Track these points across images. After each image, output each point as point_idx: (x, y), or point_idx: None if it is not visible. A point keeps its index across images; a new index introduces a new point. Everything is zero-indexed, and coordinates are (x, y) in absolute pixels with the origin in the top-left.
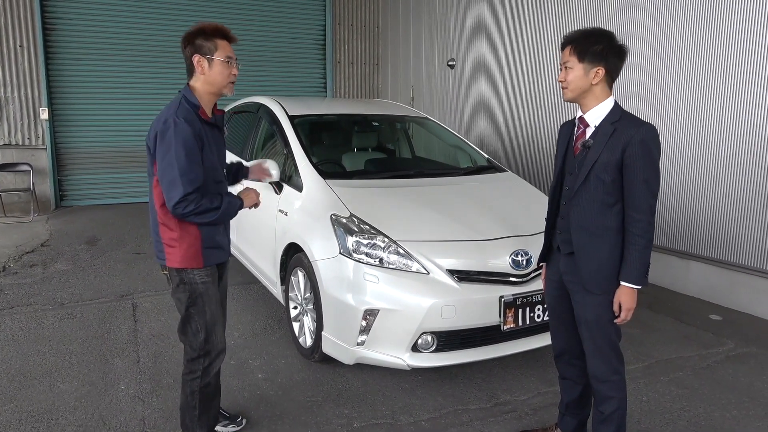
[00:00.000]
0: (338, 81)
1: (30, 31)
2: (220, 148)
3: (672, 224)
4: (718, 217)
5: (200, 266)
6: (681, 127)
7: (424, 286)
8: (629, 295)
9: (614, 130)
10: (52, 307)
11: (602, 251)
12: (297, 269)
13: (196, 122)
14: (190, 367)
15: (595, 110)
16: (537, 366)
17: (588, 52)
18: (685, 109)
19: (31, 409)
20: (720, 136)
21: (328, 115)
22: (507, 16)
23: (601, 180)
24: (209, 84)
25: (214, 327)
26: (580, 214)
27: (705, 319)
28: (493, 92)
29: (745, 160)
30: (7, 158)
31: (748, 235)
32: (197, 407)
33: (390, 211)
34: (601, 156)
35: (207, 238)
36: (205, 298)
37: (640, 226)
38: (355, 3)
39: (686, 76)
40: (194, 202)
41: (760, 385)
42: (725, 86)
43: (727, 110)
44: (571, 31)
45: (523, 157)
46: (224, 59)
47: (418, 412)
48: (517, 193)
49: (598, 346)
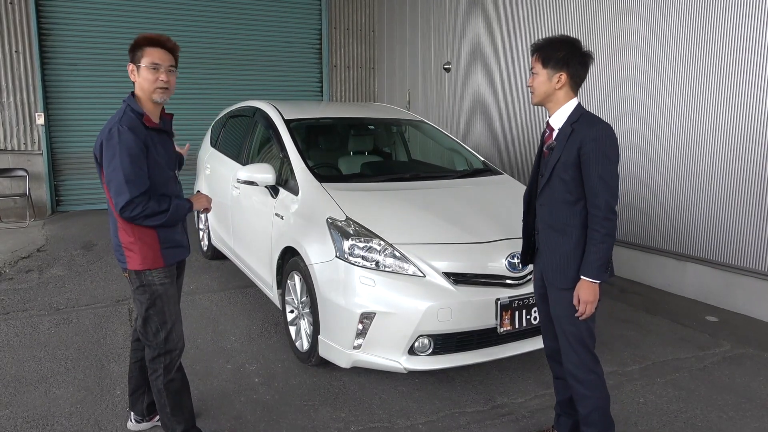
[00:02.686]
0: (334, 84)
1: (26, 37)
2: (168, 150)
3: (668, 226)
4: (714, 218)
5: (161, 266)
6: (676, 129)
7: (420, 289)
8: (588, 289)
9: (572, 130)
10: (47, 313)
11: (565, 247)
12: (293, 273)
13: (140, 129)
14: (152, 366)
15: (559, 113)
16: (534, 368)
17: (551, 59)
18: (681, 110)
19: (26, 414)
20: (716, 137)
21: (324, 118)
22: (502, 19)
23: (561, 179)
24: (140, 90)
25: (174, 326)
26: (545, 212)
27: (701, 320)
28: (489, 95)
29: (741, 162)
30: (2, 163)
31: (744, 237)
32: (167, 404)
33: (386, 214)
34: (561, 156)
35: (165, 238)
36: (164, 298)
37: (597, 221)
38: (350, 7)
39: (682, 77)
40: (141, 205)
41: (756, 386)
42: (721, 88)
43: (724, 112)
44: (538, 39)
45: (518, 160)
46: (149, 65)
47: (415, 415)
48: (513, 196)
49: (570, 342)
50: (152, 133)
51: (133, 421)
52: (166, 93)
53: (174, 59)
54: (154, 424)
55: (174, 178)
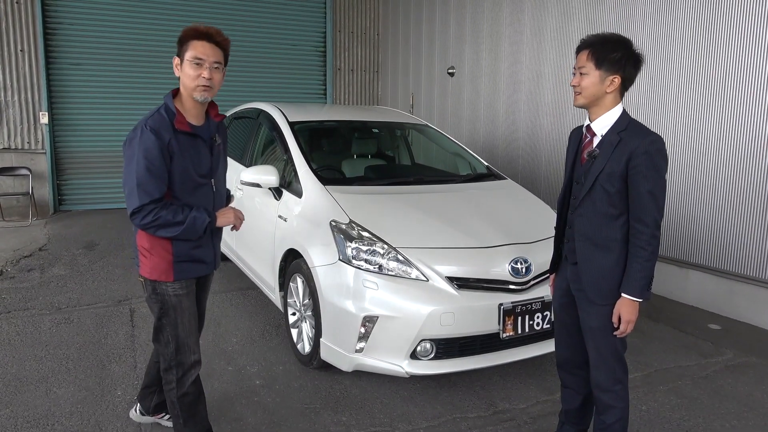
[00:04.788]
0: (338, 87)
1: (31, 36)
2: (202, 155)
3: (671, 233)
4: (718, 226)
5: (170, 280)
6: (681, 137)
7: (423, 293)
8: (629, 307)
9: (620, 140)
10: (49, 312)
11: (606, 262)
12: (296, 275)
13: (166, 131)
14: (165, 377)
15: (603, 119)
16: (536, 374)
17: (606, 60)
18: (685, 116)
19: (27, 414)
20: (720, 145)
21: (328, 121)
22: (506, 24)
23: (605, 191)
24: (182, 87)
25: (186, 339)
26: (585, 224)
27: (704, 328)
28: (493, 100)
29: (745, 169)
30: (6, 162)
31: (748, 245)
32: (180, 416)
33: (389, 217)
34: (606, 166)
35: (179, 252)
36: (177, 310)
37: (644, 238)
38: (355, 10)
39: (687, 82)
40: (152, 214)
41: (759, 395)
42: (726, 94)
43: (728, 120)
44: (589, 35)
45: (522, 165)
46: (191, 60)
47: (417, 419)
48: (516, 201)
49: (602, 355)
50: (181, 137)
51: (137, 412)
52: (208, 92)
53: (223, 55)
54: (156, 421)
55: (209, 187)
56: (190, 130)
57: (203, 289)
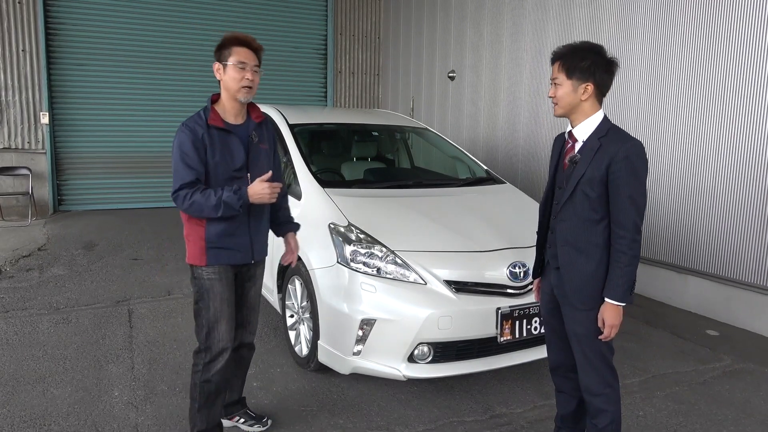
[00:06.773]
0: (339, 90)
1: (33, 36)
2: (233, 149)
3: (670, 239)
4: (716, 232)
5: (203, 264)
6: (679, 142)
7: (421, 297)
8: (613, 312)
9: (600, 145)
10: (47, 312)
11: (587, 267)
12: (294, 277)
13: (200, 127)
14: (195, 359)
15: (584, 125)
16: (533, 379)
17: (576, 68)
18: (684, 123)
19: (23, 414)
20: (719, 151)
21: (328, 124)
22: (507, 28)
23: (586, 195)
24: (225, 89)
25: (216, 324)
26: (566, 229)
27: (702, 334)
28: (493, 104)
29: (743, 175)
30: (6, 162)
31: (746, 251)
32: (197, 399)
33: (388, 220)
34: (587, 171)
35: (212, 238)
36: (210, 294)
37: (624, 242)
38: (356, 13)
39: (686, 90)
40: (187, 197)
41: (756, 401)
42: (726, 103)
43: (726, 127)
44: (560, 47)
45: (522, 169)
46: (236, 63)
47: (414, 423)
48: (515, 205)
49: (589, 359)
50: (214, 131)
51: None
52: (250, 92)
53: (258, 59)
54: (233, 424)
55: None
56: (223, 126)
57: (249, 279)
